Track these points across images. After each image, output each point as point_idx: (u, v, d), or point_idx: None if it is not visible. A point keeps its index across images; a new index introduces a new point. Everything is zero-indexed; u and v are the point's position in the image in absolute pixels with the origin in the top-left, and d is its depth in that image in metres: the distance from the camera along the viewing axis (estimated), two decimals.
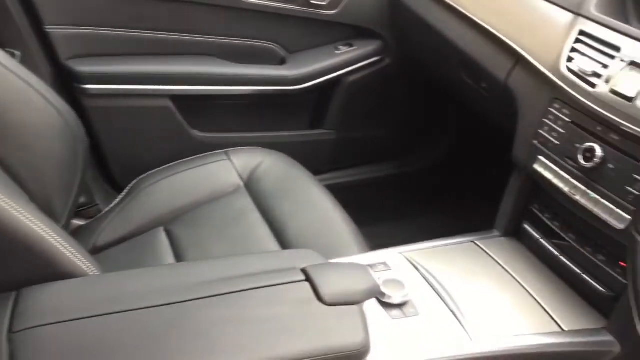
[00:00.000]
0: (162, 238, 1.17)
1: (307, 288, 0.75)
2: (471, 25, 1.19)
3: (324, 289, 0.75)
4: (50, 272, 0.74)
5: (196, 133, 1.51)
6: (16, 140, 0.93)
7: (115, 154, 1.47)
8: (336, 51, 1.55)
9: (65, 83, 1.36)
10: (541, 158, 0.99)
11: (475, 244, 1.07)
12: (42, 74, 1.29)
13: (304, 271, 0.78)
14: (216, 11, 1.43)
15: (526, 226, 1.09)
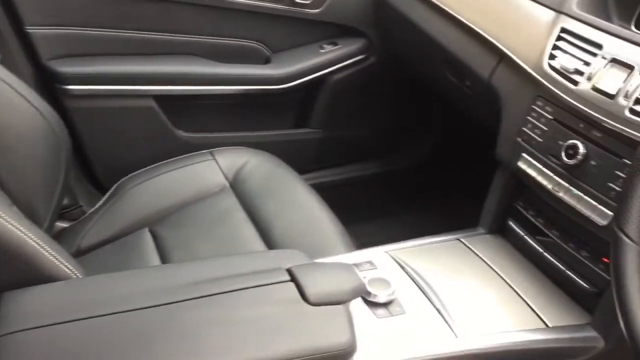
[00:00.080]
0: (148, 239, 1.16)
1: (293, 288, 0.75)
2: (455, 23, 1.19)
3: (309, 289, 0.75)
4: (32, 276, 0.73)
5: (181, 133, 1.50)
6: None
7: (98, 155, 1.46)
8: (321, 50, 1.54)
9: (46, 84, 1.35)
10: (525, 155, 0.99)
11: (461, 242, 1.08)
12: (23, 75, 1.27)
13: (289, 271, 0.78)
14: (200, 10, 1.42)
15: (511, 223, 1.09)
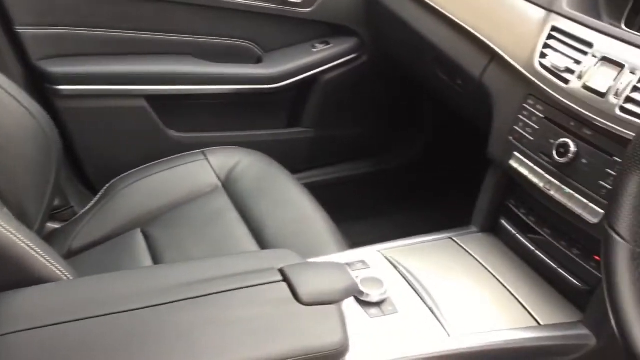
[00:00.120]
0: (139, 240, 1.15)
1: (285, 288, 0.75)
2: (446, 22, 1.19)
3: (302, 289, 0.74)
4: (23, 278, 0.72)
5: (172, 133, 1.49)
6: None
7: (90, 156, 1.45)
8: (312, 49, 1.54)
9: (37, 84, 1.34)
10: (516, 154, 0.99)
11: (453, 240, 1.08)
12: (13, 76, 1.27)
13: (282, 271, 0.77)
14: (191, 10, 1.42)
15: (503, 222, 1.09)
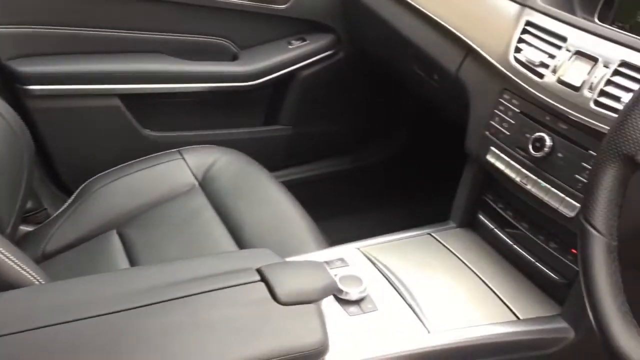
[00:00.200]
0: (115, 241, 1.14)
1: (263, 288, 0.74)
2: (421, 17, 1.19)
3: (280, 289, 0.73)
4: None
5: (148, 132, 1.47)
6: None
7: (63, 157, 1.42)
8: (289, 46, 1.53)
9: (6, 84, 1.31)
10: (493, 149, 1.00)
11: (432, 236, 1.08)
12: None
13: (259, 271, 0.76)
14: (164, 7, 1.40)
15: (481, 216, 1.10)
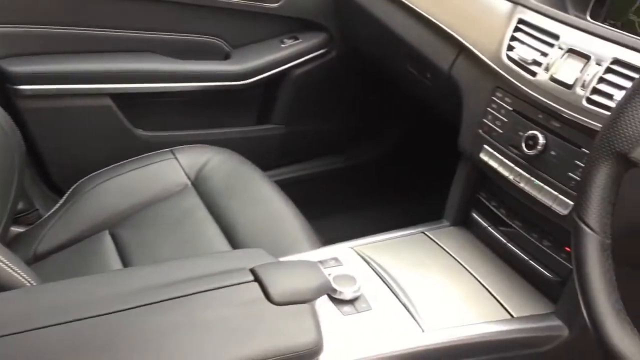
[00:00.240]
0: (108, 242, 1.13)
1: (256, 288, 0.74)
2: (414, 16, 1.19)
3: (273, 289, 0.73)
4: None
5: (140, 132, 1.47)
6: None
7: (54, 157, 1.41)
8: (281, 45, 1.53)
9: None
10: (486, 147, 1.00)
11: (425, 235, 1.08)
12: None
13: (253, 271, 0.76)
14: (156, 5, 1.39)
15: (474, 215, 1.10)
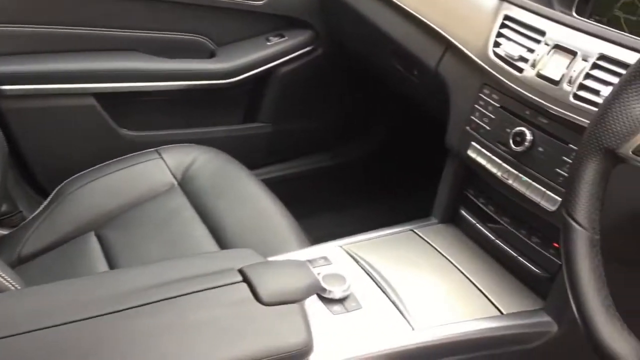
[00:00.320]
0: (93, 243, 1.12)
1: (245, 289, 0.73)
2: (400, 13, 1.18)
3: (262, 289, 0.73)
4: None
5: (125, 132, 1.45)
6: None
7: (38, 158, 1.40)
8: (267, 42, 1.52)
9: None
10: (474, 144, 0.99)
11: (414, 232, 1.08)
12: None
13: (241, 272, 0.76)
14: (139, 4, 1.38)
15: (462, 212, 1.10)
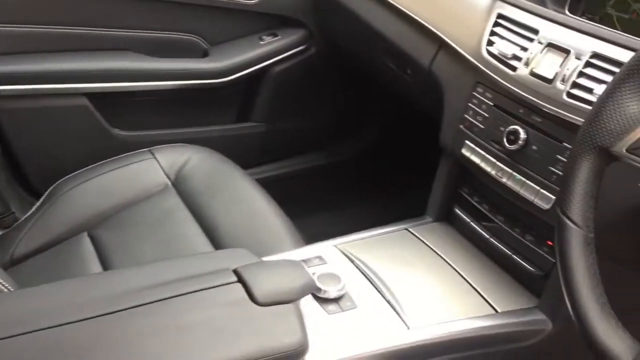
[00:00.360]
0: (87, 244, 1.11)
1: (240, 289, 0.73)
2: (393, 11, 1.18)
3: (257, 289, 0.73)
4: None
5: (117, 132, 1.44)
6: None
7: (30, 158, 1.39)
8: (260, 42, 1.52)
9: None
10: (468, 142, 1.00)
11: (409, 231, 1.08)
12: None
13: (236, 272, 0.75)
14: (132, 3, 1.37)
15: (457, 210, 1.10)
